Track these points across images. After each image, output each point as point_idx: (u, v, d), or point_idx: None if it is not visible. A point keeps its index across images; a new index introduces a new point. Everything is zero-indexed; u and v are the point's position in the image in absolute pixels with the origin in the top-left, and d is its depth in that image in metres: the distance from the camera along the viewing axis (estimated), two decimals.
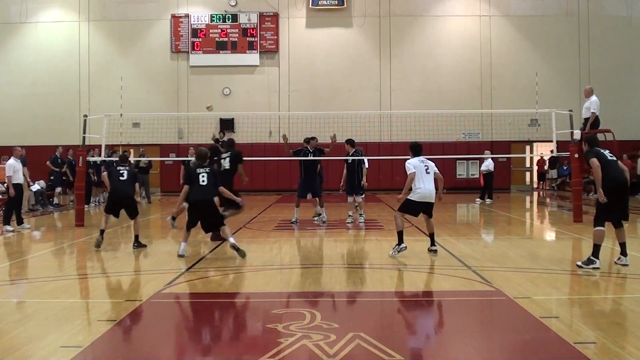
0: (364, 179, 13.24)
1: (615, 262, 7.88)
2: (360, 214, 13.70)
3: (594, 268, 7.60)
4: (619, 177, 7.85)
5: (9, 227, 12.74)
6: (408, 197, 8.89)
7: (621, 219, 7.94)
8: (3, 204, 17.05)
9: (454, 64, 26.55)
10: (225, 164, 11.12)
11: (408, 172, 8.88)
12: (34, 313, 5.75)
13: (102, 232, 10.05)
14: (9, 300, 6.43)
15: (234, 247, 8.75)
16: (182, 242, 9.13)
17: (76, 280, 7.88)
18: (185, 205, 10.75)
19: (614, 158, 8.06)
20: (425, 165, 8.96)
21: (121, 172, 10.28)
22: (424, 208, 9.01)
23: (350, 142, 13.38)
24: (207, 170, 9.26)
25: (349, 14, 26.64)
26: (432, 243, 9.13)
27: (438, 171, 9.17)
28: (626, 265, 7.76)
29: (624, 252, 7.88)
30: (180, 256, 8.91)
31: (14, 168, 12.82)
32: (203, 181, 9.13)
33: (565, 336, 4.82)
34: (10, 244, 11.35)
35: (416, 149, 9.23)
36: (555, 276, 7.47)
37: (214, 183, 9.20)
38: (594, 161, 7.77)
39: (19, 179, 13.07)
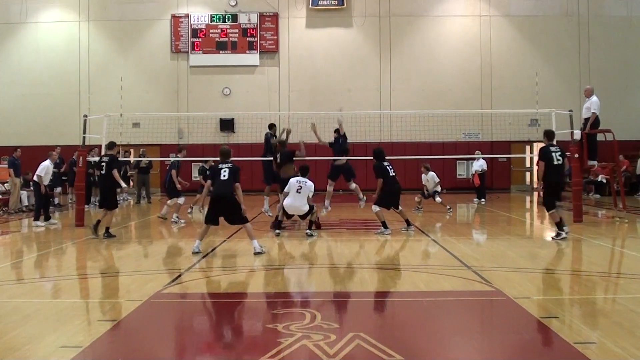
0: None
1: (554, 238, 10.33)
2: None
3: (563, 238, 10.26)
4: (555, 179, 10.65)
5: (39, 223, 13.63)
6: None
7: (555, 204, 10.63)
8: (4, 204, 17.11)
9: (454, 64, 26.55)
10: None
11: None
12: (34, 313, 5.75)
13: (97, 222, 11.47)
14: (9, 300, 6.43)
15: (256, 251, 9.27)
16: (197, 240, 9.44)
17: (76, 280, 7.88)
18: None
19: (560, 161, 10.62)
20: (299, 185, 11.30)
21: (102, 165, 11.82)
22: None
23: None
24: (229, 166, 9.53)
25: (349, 14, 26.63)
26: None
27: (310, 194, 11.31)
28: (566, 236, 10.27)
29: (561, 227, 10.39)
30: (195, 253, 9.18)
31: (47, 170, 14.03)
32: (224, 176, 9.43)
33: (565, 336, 4.82)
34: (11, 243, 11.35)
35: (303, 170, 11.67)
36: (555, 276, 7.48)
37: (233, 178, 9.46)
38: (541, 164, 10.60)
39: (47, 181, 14.10)
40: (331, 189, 13.68)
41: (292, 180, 11.49)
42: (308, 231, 11.36)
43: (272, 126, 14.58)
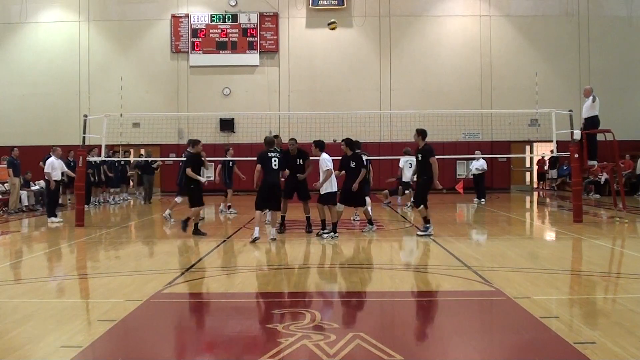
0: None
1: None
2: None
3: (429, 234, 10.84)
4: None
5: (54, 219, 14.10)
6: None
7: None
8: (3, 204, 17.10)
9: (454, 64, 26.55)
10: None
11: (327, 167, 10.84)
12: (34, 313, 5.74)
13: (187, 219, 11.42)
14: (9, 300, 6.43)
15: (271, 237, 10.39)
16: (255, 227, 10.30)
17: (76, 280, 7.88)
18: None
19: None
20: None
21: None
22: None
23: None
24: (278, 156, 10.46)
25: (349, 14, 26.64)
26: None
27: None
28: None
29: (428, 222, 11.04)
30: (255, 239, 10.12)
31: (53, 166, 14.38)
32: (275, 165, 10.34)
33: (565, 336, 4.82)
34: (11, 243, 11.35)
35: (322, 145, 11.26)
36: (555, 276, 7.47)
37: (283, 167, 10.54)
38: (435, 160, 11.18)
39: (57, 176, 14.52)
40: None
41: (326, 157, 11.06)
42: (326, 235, 11.10)
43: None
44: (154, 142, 22.62)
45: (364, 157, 13.71)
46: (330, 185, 10.98)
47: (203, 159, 11.67)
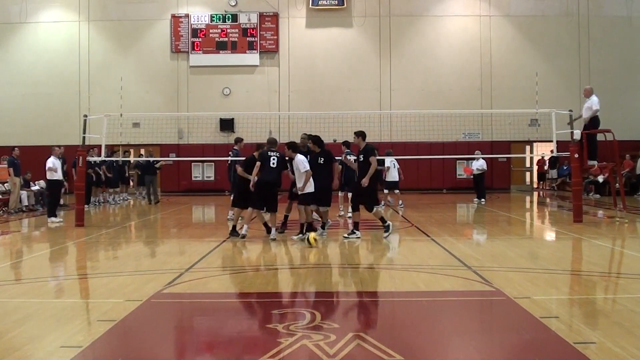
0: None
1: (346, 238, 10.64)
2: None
3: (357, 237, 10.58)
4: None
5: (54, 219, 14.17)
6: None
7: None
8: (4, 204, 17.10)
9: (454, 64, 26.55)
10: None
11: (305, 168, 10.33)
12: (34, 313, 5.74)
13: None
14: (9, 300, 6.43)
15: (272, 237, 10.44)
16: (244, 225, 10.54)
17: (76, 280, 7.88)
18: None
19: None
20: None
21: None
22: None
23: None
24: (277, 155, 10.49)
25: (349, 14, 26.64)
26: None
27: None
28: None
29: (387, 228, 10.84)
30: (243, 237, 10.45)
31: (52, 164, 14.48)
32: (273, 164, 10.39)
33: (565, 336, 4.82)
34: (11, 243, 11.35)
35: (295, 147, 10.80)
36: (555, 276, 7.48)
37: (282, 167, 10.51)
38: (374, 160, 10.52)
39: (59, 175, 14.71)
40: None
41: (302, 158, 10.49)
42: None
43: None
44: (154, 142, 22.63)
45: (352, 158, 13.54)
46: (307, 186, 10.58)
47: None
